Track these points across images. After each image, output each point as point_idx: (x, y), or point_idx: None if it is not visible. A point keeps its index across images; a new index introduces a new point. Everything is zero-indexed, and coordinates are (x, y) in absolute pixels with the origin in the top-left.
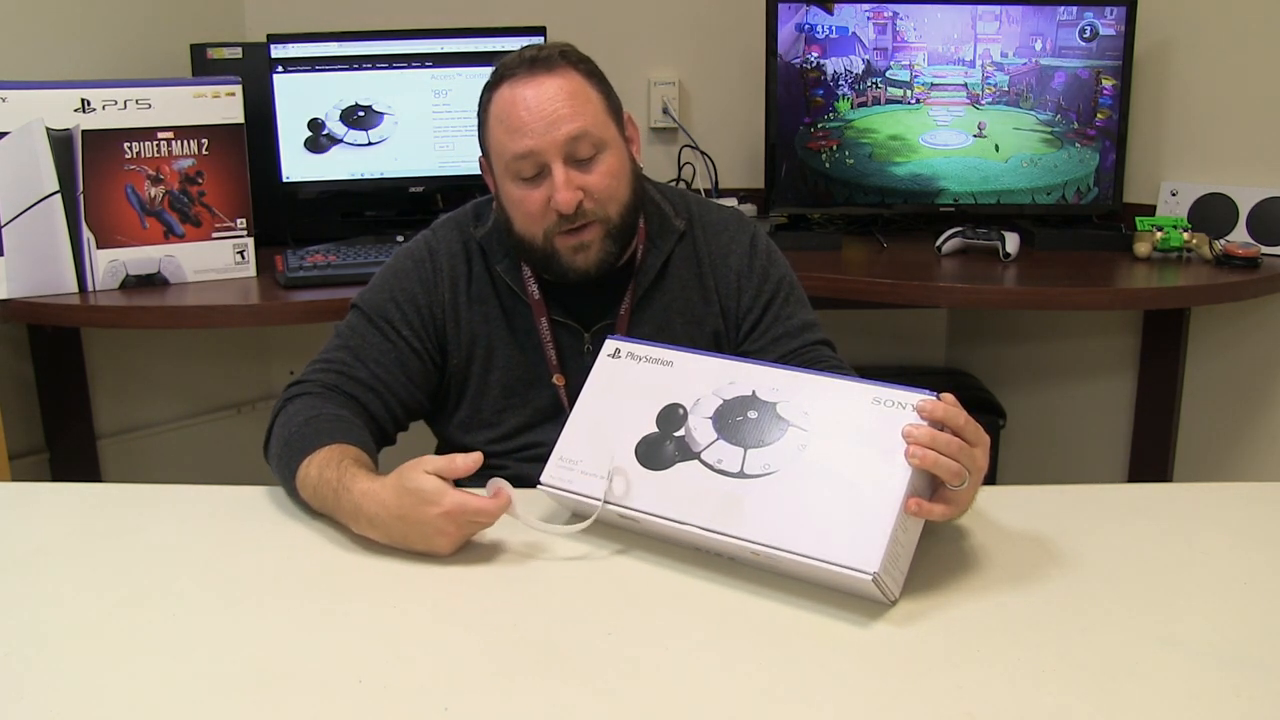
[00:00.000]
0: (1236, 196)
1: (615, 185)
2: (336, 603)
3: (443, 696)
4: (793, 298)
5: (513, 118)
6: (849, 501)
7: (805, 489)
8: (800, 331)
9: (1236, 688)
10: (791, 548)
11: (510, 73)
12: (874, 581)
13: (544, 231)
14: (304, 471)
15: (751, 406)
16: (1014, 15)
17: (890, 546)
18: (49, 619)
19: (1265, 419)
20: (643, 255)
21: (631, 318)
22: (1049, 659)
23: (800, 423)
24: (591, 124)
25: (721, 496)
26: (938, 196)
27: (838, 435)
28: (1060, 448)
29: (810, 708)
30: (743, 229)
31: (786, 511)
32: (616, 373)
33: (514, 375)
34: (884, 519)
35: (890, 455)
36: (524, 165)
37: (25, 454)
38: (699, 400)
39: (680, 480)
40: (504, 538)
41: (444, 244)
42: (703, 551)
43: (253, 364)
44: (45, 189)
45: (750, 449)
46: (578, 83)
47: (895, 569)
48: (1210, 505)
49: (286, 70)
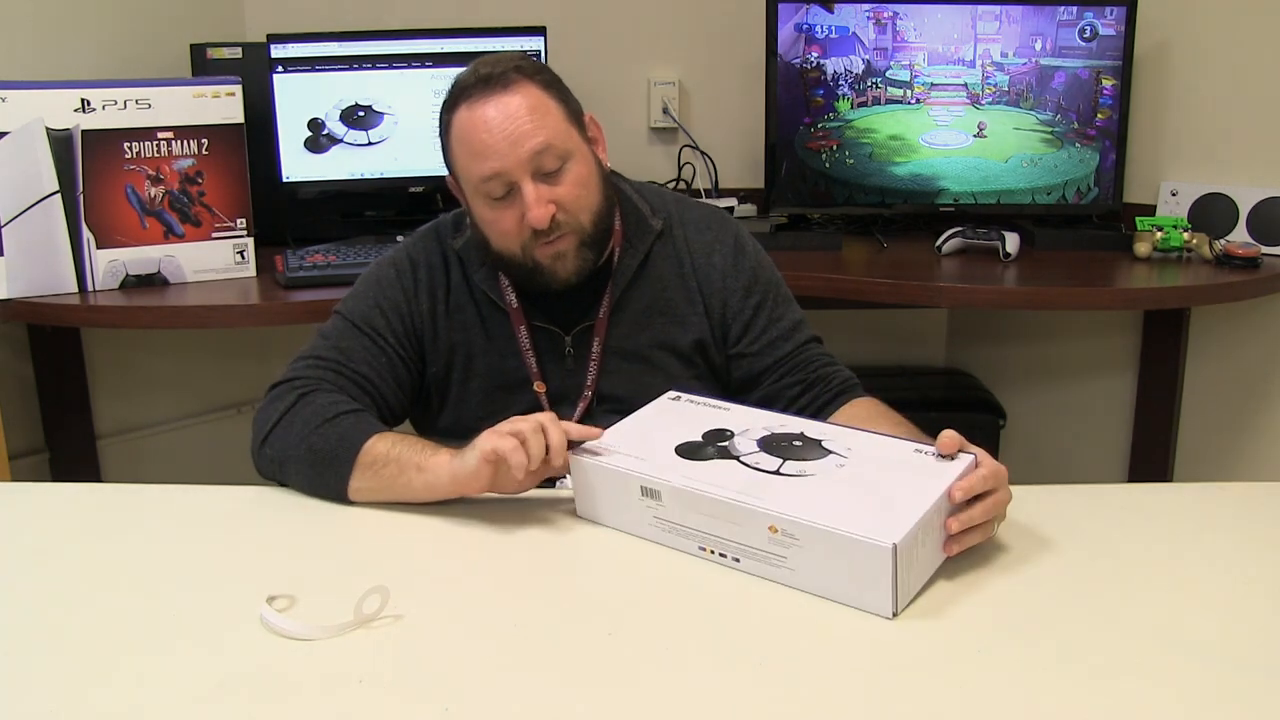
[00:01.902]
0: (1236, 196)
1: (585, 194)
2: (336, 602)
3: (443, 696)
4: (780, 297)
5: (475, 140)
6: (879, 500)
7: (837, 488)
8: (791, 333)
9: (1237, 688)
10: (812, 519)
11: (466, 94)
12: (892, 556)
13: (521, 246)
14: (371, 450)
15: (798, 439)
16: (1014, 15)
17: (916, 532)
18: (49, 619)
19: (1265, 419)
20: (619, 255)
21: (610, 318)
22: (1049, 659)
23: (841, 451)
24: (554, 136)
25: (751, 480)
26: (938, 196)
27: (877, 462)
28: (1060, 448)
29: (810, 707)
30: (726, 228)
31: (814, 497)
32: (670, 408)
33: (494, 383)
34: (915, 509)
35: (924, 477)
36: (493, 186)
37: (25, 454)
38: (748, 429)
39: (713, 468)
40: (504, 537)
41: (423, 255)
42: (711, 557)
43: (253, 364)
44: (45, 189)
45: (789, 460)
46: (536, 96)
47: (909, 574)
48: (1210, 505)
49: (286, 70)
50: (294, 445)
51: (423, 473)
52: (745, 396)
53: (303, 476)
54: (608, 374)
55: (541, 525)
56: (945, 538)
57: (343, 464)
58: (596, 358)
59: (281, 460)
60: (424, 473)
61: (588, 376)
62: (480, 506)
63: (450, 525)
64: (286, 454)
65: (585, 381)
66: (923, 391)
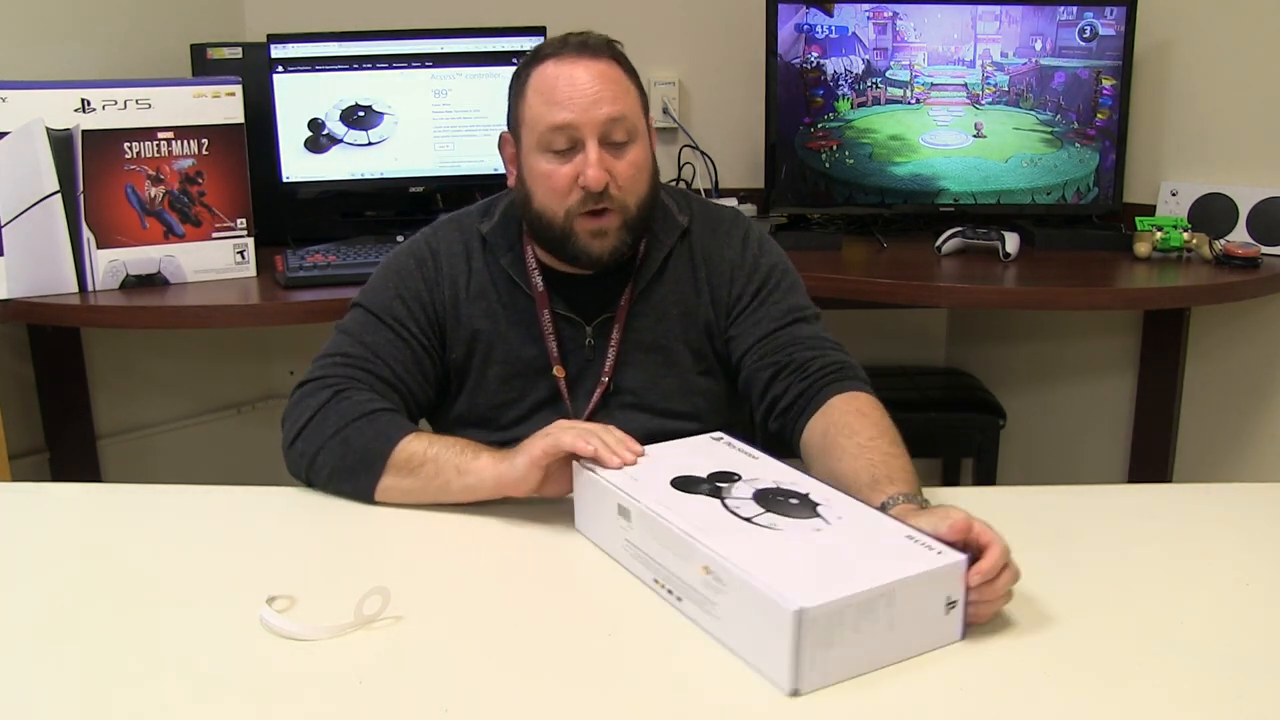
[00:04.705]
0: (1236, 196)
1: (639, 177)
2: (336, 603)
3: (443, 696)
4: (784, 284)
5: (556, 90)
6: (830, 568)
7: (796, 546)
8: (783, 315)
9: (1238, 688)
10: (739, 565)
11: (556, 51)
12: (795, 622)
13: (565, 210)
14: (407, 449)
15: (795, 497)
16: (1014, 15)
17: (844, 608)
18: (49, 619)
19: (1265, 419)
20: (645, 250)
21: (630, 309)
22: (1049, 659)
23: (829, 518)
24: (629, 112)
25: (716, 521)
26: (938, 196)
27: (859, 535)
28: (1060, 448)
29: (810, 706)
30: (737, 224)
31: (763, 548)
32: (704, 446)
33: (512, 368)
34: (856, 585)
35: (897, 560)
36: (558, 137)
37: (25, 454)
38: (758, 478)
39: (692, 502)
40: (504, 539)
41: (444, 244)
42: (661, 590)
43: (253, 364)
44: (45, 189)
45: (770, 512)
46: (621, 74)
47: (825, 652)
48: (1210, 505)
49: (286, 70)
50: (326, 442)
51: (463, 475)
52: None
53: (333, 475)
54: (624, 365)
55: (542, 526)
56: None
57: (375, 462)
58: (615, 347)
59: (312, 457)
60: (464, 475)
61: (605, 366)
62: (480, 508)
63: (450, 526)
64: (318, 452)
65: (603, 370)
66: (923, 391)
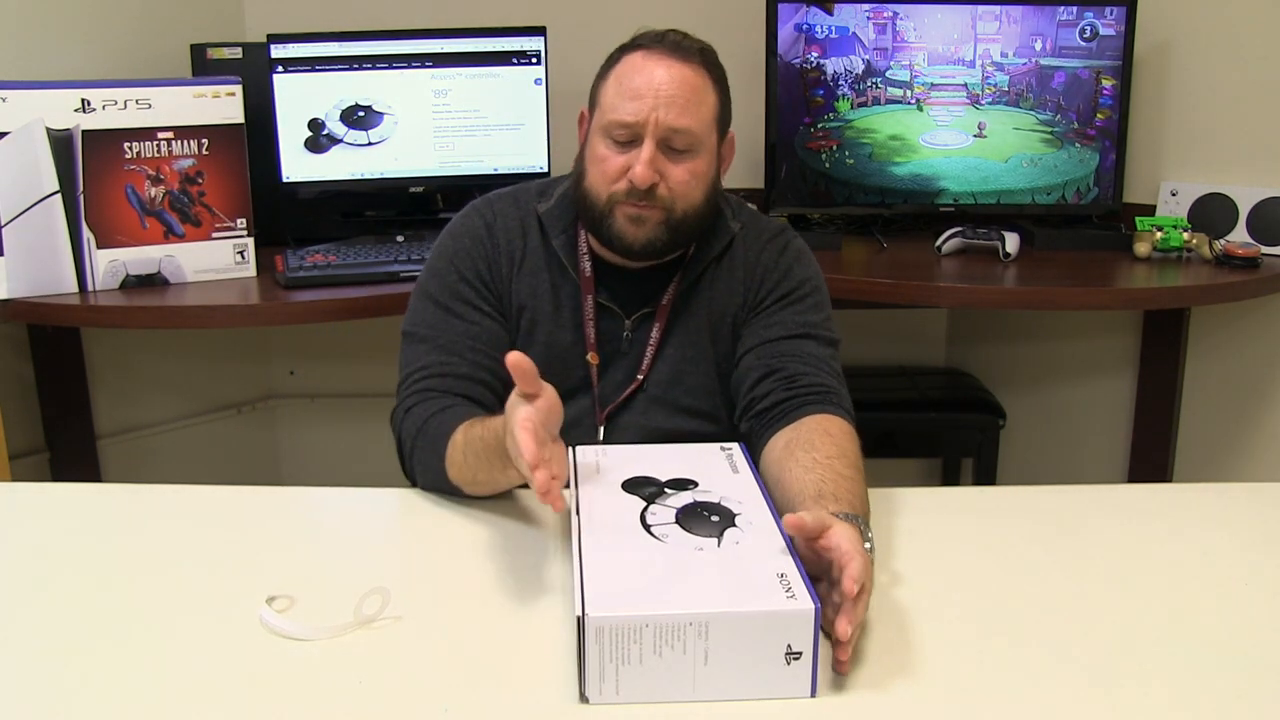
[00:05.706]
0: (1236, 196)
1: (692, 186)
2: (336, 603)
3: (443, 696)
4: (810, 299)
5: (633, 83)
6: (665, 584)
7: (654, 560)
8: (799, 327)
9: (1238, 688)
10: (583, 570)
11: (649, 44)
12: (578, 626)
13: (609, 194)
14: (451, 449)
15: (718, 512)
16: (1014, 15)
17: (638, 625)
18: (49, 619)
19: (1265, 419)
20: (693, 251)
21: (671, 308)
22: (1049, 659)
23: (730, 541)
24: (696, 125)
25: (619, 523)
26: (938, 196)
27: (730, 561)
28: (1060, 448)
29: (809, 706)
30: (782, 235)
31: (620, 560)
32: (703, 454)
33: (551, 352)
34: (668, 605)
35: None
36: (621, 131)
37: (25, 454)
38: (710, 491)
39: (621, 501)
40: (504, 538)
41: (500, 218)
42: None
43: (253, 364)
44: (45, 189)
45: (678, 524)
46: (703, 84)
47: (614, 666)
48: (1211, 505)
49: (286, 70)
50: (421, 469)
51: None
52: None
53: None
54: (659, 360)
55: (541, 526)
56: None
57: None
58: (655, 343)
59: (429, 481)
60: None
61: (643, 361)
62: (480, 507)
63: (450, 526)
64: (426, 473)
65: (639, 368)
66: (923, 391)
